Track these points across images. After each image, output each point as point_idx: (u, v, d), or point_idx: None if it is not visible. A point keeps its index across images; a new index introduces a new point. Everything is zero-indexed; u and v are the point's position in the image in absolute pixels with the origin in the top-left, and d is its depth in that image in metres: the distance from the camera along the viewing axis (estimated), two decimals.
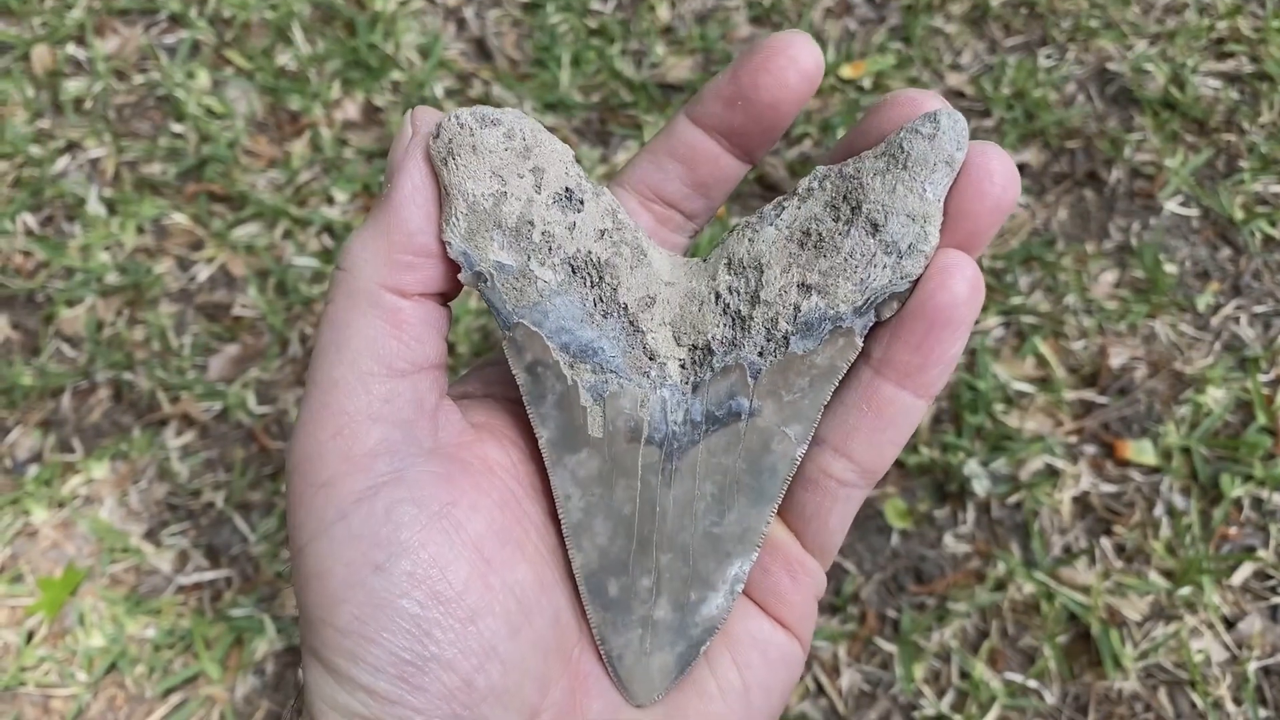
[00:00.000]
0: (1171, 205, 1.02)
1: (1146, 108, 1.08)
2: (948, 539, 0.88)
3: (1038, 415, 0.92)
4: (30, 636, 0.88)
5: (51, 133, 1.14)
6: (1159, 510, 0.88)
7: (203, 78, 1.16)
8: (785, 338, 0.31)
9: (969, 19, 1.17)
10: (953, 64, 1.13)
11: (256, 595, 0.89)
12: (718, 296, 0.32)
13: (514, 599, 0.30)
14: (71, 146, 1.13)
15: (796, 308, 0.30)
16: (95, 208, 1.08)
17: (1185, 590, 0.84)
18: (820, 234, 0.30)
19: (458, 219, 0.30)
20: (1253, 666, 0.81)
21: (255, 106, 1.14)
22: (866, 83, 1.12)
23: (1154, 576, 0.85)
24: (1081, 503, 0.89)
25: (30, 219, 1.09)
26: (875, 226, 0.30)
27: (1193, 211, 1.02)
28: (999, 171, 0.29)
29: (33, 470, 0.95)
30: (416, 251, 0.30)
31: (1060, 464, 0.90)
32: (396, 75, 1.14)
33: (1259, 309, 0.97)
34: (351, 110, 1.14)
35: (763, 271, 0.31)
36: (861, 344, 0.30)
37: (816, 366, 0.31)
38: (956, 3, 1.18)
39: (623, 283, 0.31)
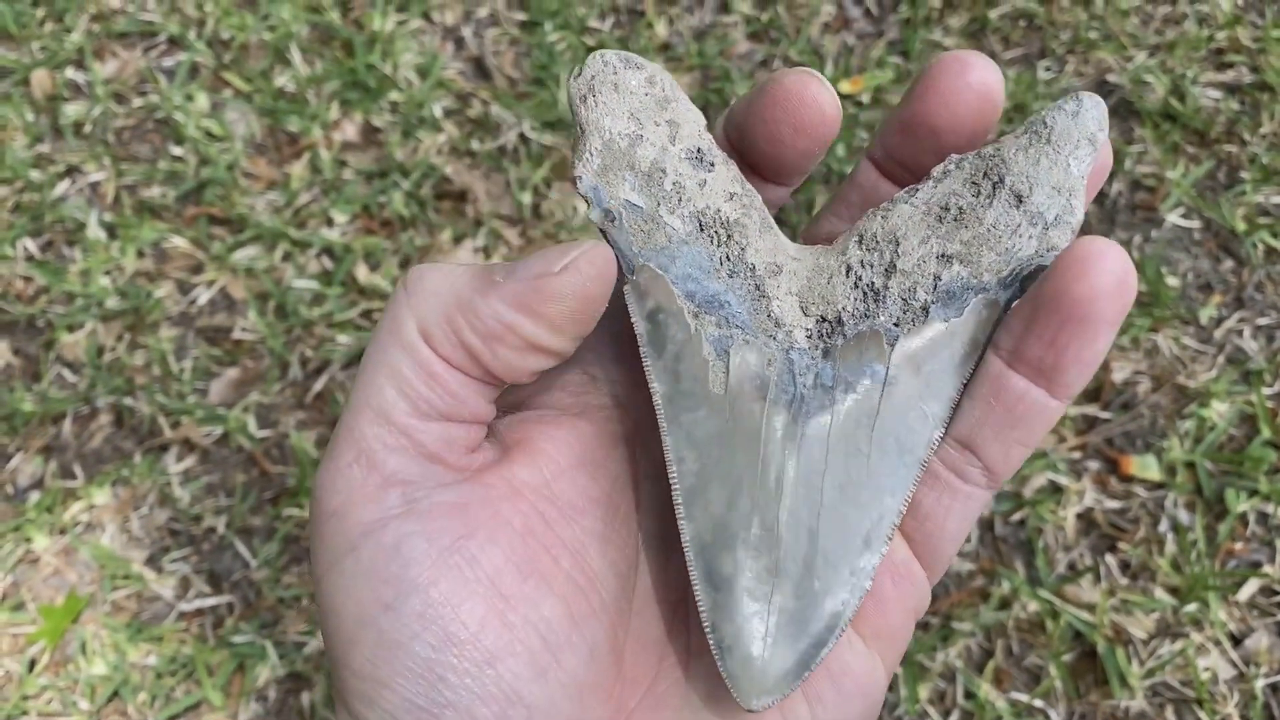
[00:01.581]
0: (1173, 217, 1.02)
1: (1146, 119, 1.07)
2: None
3: None
4: (32, 665, 0.88)
5: (51, 157, 1.14)
6: (1164, 526, 0.88)
7: (201, 100, 1.16)
8: (924, 308, 0.29)
9: (968, 32, 1.17)
10: None
11: (258, 621, 0.88)
12: (848, 269, 0.30)
13: (538, 638, 0.27)
14: (71, 171, 1.13)
15: (936, 277, 0.29)
16: (95, 232, 1.08)
17: (1191, 607, 0.83)
18: (961, 208, 0.29)
19: (591, 155, 0.29)
20: (1260, 684, 0.81)
21: (254, 128, 1.14)
22: (865, 98, 1.12)
23: (1160, 593, 0.85)
24: (1086, 519, 0.89)
25: (31, 244, 1.09)
26: (1019, 198, 0.29)
27: (1194, 223, 1.02)
28: (1112, 259, 0.26)
29: (34, 497, 0.95)
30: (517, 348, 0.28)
31: (1064, 480, 0.90)
32: (395, 95, 1.14)
33: (1262, 321, 0.96)
34: (350, 131, 1.14)
35: (899, 244, 0.30)
36: (1003, 319, 0.29)
37: (958, 337, 0.29)
38: (955, 16, 1.18)
39: (751, 244, 0.30)
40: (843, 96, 1.13)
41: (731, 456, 0.29)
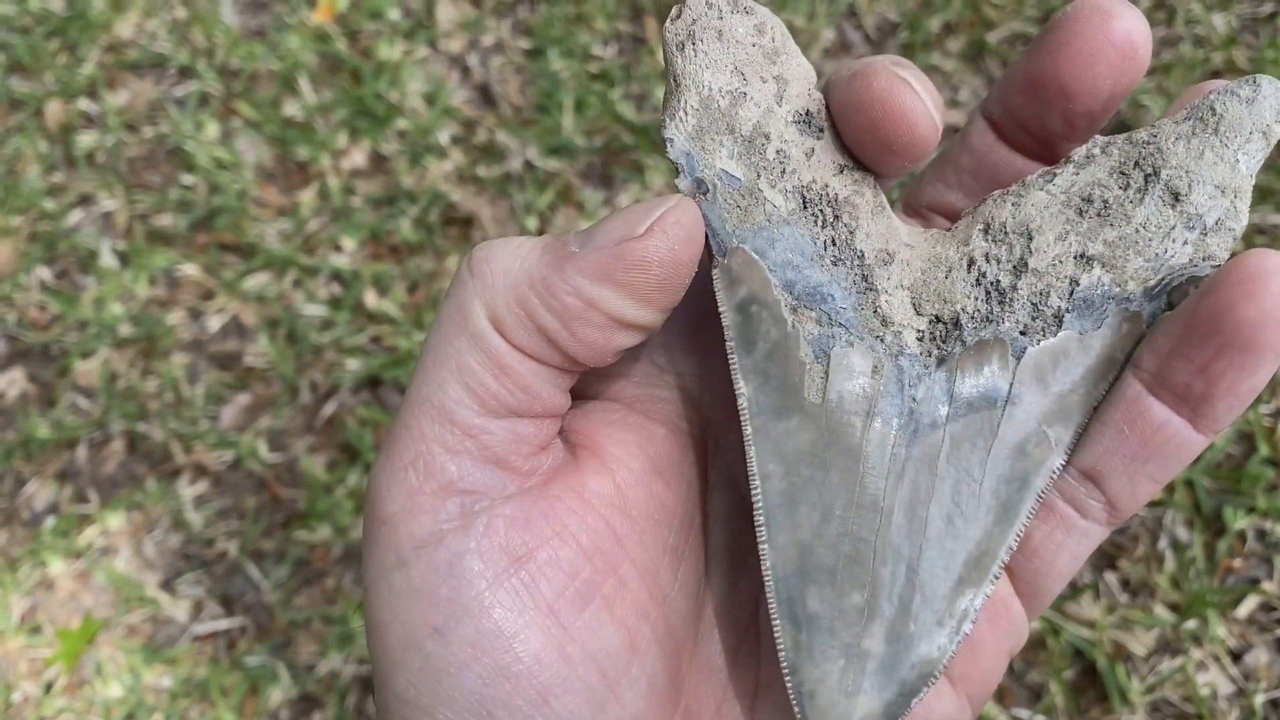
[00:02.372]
0: None
1: None
2: None
3: None
4: (49, 687, 0.89)
5: (65, 186, 1.16)
6: (1163, 543, 0.89)
7: (212, 129, 1.18)
8: (1057, 316, 0.26)
9: (967, 55, 1.18)
10: (951, 100, 1.15)
11: (271, 643, 0.90)
12: (971, 263, 0.27)
13: (597, 671, 0.25)
14: (84, 200, 1.15)
15: (1074, 281, 0.26)
16: (108, 260, 1.10)
17: (1191, 623, 0.84)
18: (1106, 200, 0.26)
19: (686, 114, 0.25)
20: (1260, 699, 0.82)
21: (263, 157, 1.16)
22: None
23: (1159, 610, 0.86)
24: None
25: (45, 272, 1.11)
26: (1176, 196, 0.25)
27: None
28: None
29: (49, 521, 0.97)
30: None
31: None
32: (402, 123, 1.16)
33: None
34: (358, 158, 1.15)
35: (1032, 238, 0.26)
36: (1145, 333, 0.25)
37: (1094, 353, 0.25)
38: (954, 39, 1.19)
39: (862, 226, 0.26)
40: None
41: (825, 476, 0.26)
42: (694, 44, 0.25)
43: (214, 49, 1.24)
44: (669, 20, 0.26)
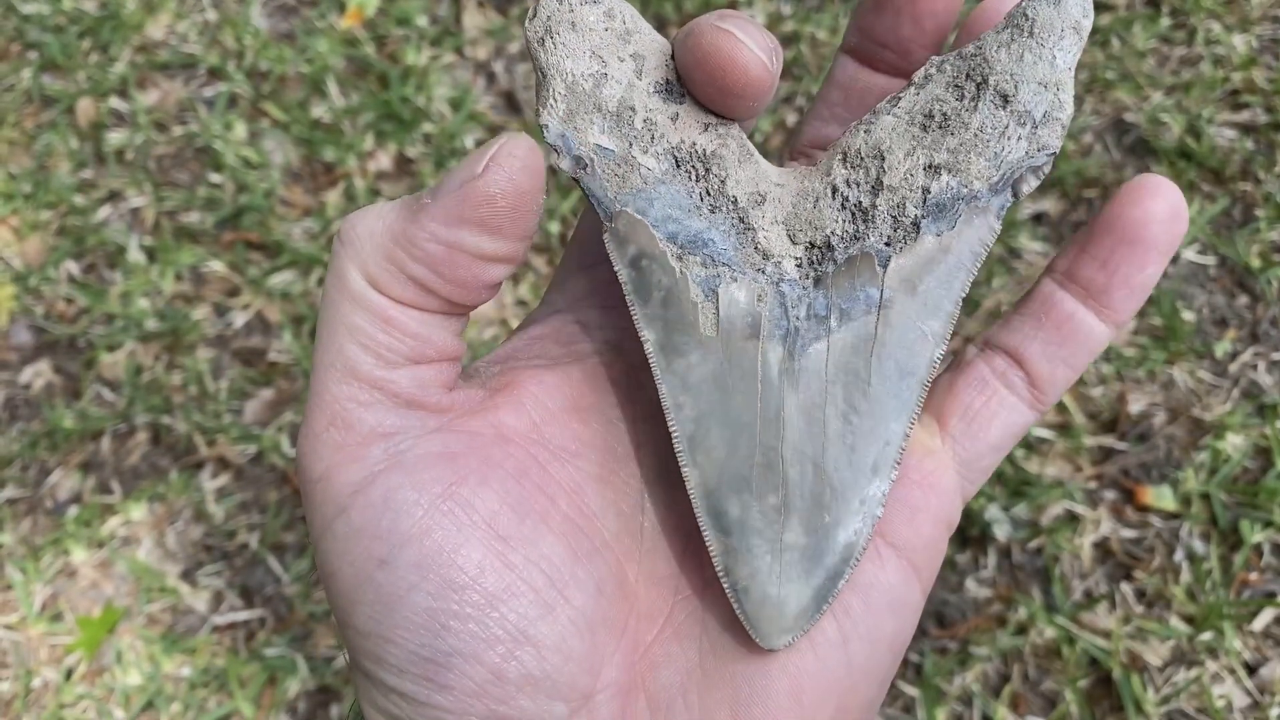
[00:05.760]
0: (1188, 254, 1.04)
1: (1163, 157, 1.09)
2: (969, 583, 0.89)
3: (1058, 461, 0.93)
4: (69, 674, 0.90)
5: (94, 182, 1.17)
6: (1179, 555, 0.89)
7: (240, 129, 1.20)
8: (915, 223, 0.28)
9: None
10: None
11: (289, 635, 0.91)
12: (834, 190, 0.29)
13: (542, 575, 0.27)
14: (113, 196, 1.17)
15: (925, 190, 0.28)
16: (135, 255, 1.12)
17: (1206, 635, 0.85)
18: (945, 114, 0.28)
19: (556, 100, 0.28)
20: (1275, 712, 0.82)
21: (290, 157, 1.18)
22: None
23: (1175, 622, 0.86)
24: (1102, 548, 0.90)
25: (73, 266, 1.12)
26: (1005, 98, 0.28)
27: (1210, 260, 1.04)
28: (1167, 191, 0.29)
29: (73, 511, 0.98)
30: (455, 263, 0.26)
31: (1080, 509, 0.91)
32: (428, 127, 1.18)
33: (1277, 356, 0.98)
34: (384, 161, 1.17)
35: (884, 158, 0.29)
36: (999, 226, 0.28)
37: (953, 251, 0.28)
38: None
39: (731, 175, 0.29)
40: None
41: (729, 399, 0.28)
42: (552, 37, 0.27)
43: (244, 51, 1.26)
44: (527, 19, 0.28)
